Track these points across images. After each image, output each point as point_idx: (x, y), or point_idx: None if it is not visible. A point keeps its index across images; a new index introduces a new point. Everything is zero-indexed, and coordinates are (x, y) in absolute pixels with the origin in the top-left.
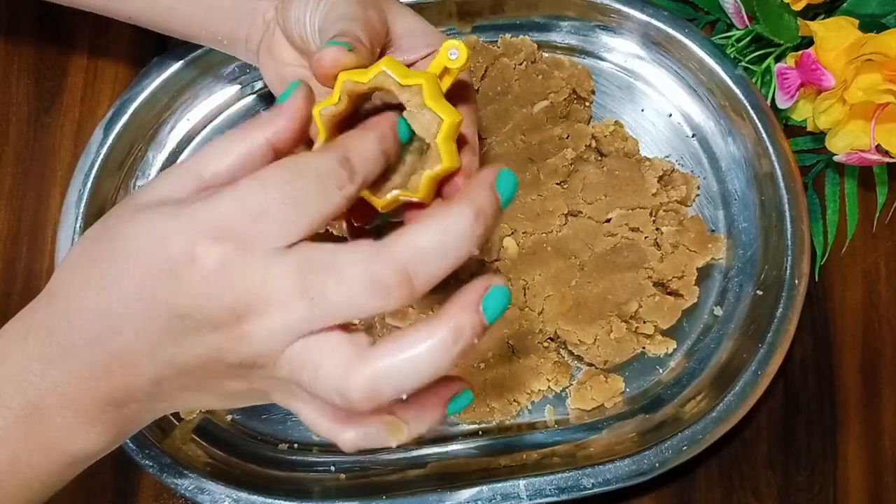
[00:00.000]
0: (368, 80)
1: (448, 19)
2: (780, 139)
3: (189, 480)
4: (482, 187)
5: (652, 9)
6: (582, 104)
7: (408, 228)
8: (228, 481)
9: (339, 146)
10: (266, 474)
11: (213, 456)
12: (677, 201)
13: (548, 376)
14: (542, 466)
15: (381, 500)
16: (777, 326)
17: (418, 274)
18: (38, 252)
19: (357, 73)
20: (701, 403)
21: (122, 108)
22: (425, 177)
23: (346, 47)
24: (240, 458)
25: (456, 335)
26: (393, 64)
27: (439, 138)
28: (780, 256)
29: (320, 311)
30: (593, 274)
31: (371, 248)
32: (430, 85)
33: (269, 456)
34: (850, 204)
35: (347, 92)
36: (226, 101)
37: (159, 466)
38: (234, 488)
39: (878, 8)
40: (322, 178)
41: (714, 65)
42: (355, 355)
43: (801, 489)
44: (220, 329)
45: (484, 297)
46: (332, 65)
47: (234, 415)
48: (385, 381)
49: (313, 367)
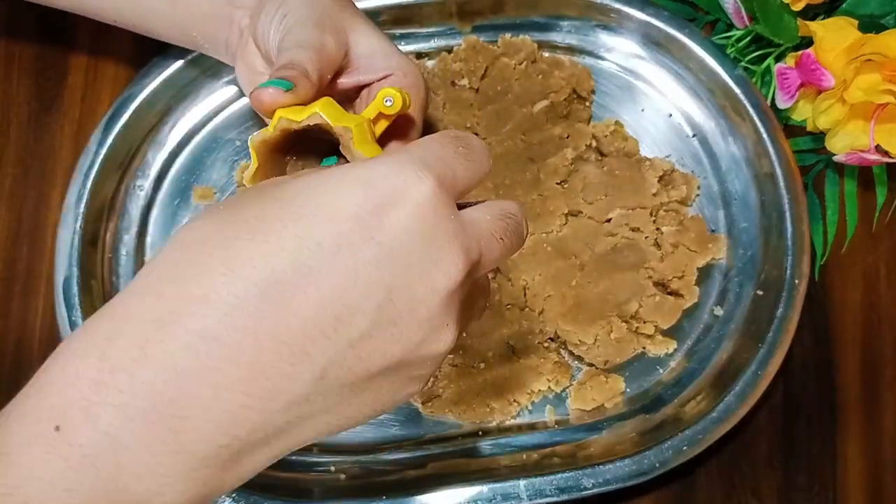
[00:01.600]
0: (302, 119)
1: (448, 19)
2: (781, 139)
3: None
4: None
5: (652, 9)
6: (582, 104)
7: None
8: None
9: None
10: (266, 474)
11: None
12: (677, 201)
13: (548, 376)
14: (543, 466)
15: (381, 500)
16: (777, 326)
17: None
18: (38, 252)
19: (293, 111)
20: (701, 403)
21: (121, 107)
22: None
23: (283, 88)
24: None
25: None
26: (328, 106)
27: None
28: (781, 256)
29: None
30: (593, 274)
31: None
32: (360, 130)
33: None
34: (850, 204)
35: (282, 129)
36: (226, 100)
37: None
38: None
39: (877, 8)
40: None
41: (714, 65)
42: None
43: (801, 489)
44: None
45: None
46: (269, 104)
47: None
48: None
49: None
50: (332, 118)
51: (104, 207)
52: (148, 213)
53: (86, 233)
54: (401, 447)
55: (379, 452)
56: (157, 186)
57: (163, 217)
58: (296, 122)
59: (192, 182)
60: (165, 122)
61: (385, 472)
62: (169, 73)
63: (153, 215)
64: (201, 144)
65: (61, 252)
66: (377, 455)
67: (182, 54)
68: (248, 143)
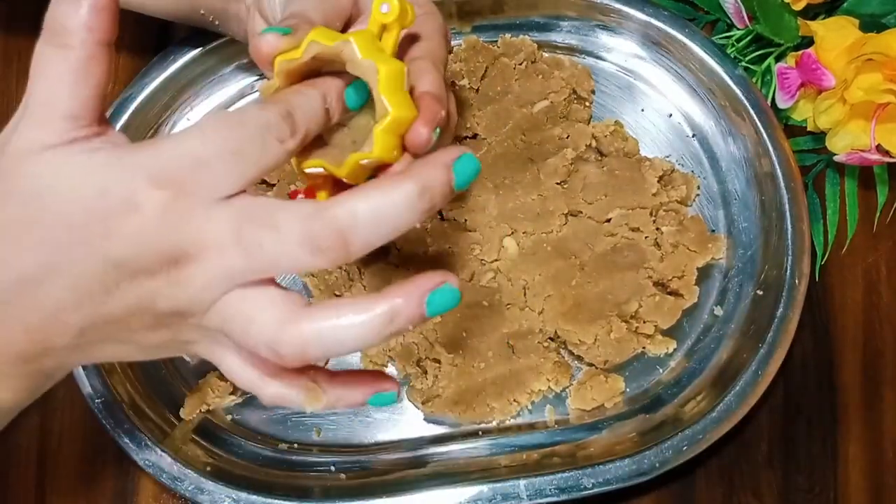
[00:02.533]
0: (301, 53)
1: (448, 19)
2: (781, 139)
3: (189, 481)
4: (436, 165)
5: (652, 8)
6: (582, 104)
7: (351, 192)
8: (228, 481)
9: (282, 100)
10: (266, 474)
11: (213, 456)
12: (677, 201)
13: (548, 376)
14: (543, 466)
15: (381, 499)
16: (777, 327)
17: (353, 239)
18: None
19: (291, 53)
20: (701, 403)
21: (123, 105)
22: (375, 131)
23: (280, 32)
24: (240, 458)
25: (391, 317)
26: (321, 33)
27: (379, 88)
28: (781, 256)
29: (256, 262)
30: (593, 274)
31: (311, 207)
32: (363, 41)
33: (269, 456)
34: (851, 204)
35: (285, 72)
36: (227, 100)
37: (159, 467)
38: (233, 488)
39: (878, 8)
40: (263, 131)
41: (714, 65)
42: (291, 311)
43: (801, 489)
44: (157, 275)
45: (433, 290)
46: (267, 52)
47: (234, 415)
48: (316, 341)
49: (247, 318)
50: (326, 39)
51: None
52: None
53: None
54: (400, 447)
55: (379, 452)
56: None
57: None
58: (296, 59)
59: None
60: (166, 121)
61: (385, 471)
62: (171, 71)
63: None
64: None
65: None
66: (377, 455)
67: (185, 53)
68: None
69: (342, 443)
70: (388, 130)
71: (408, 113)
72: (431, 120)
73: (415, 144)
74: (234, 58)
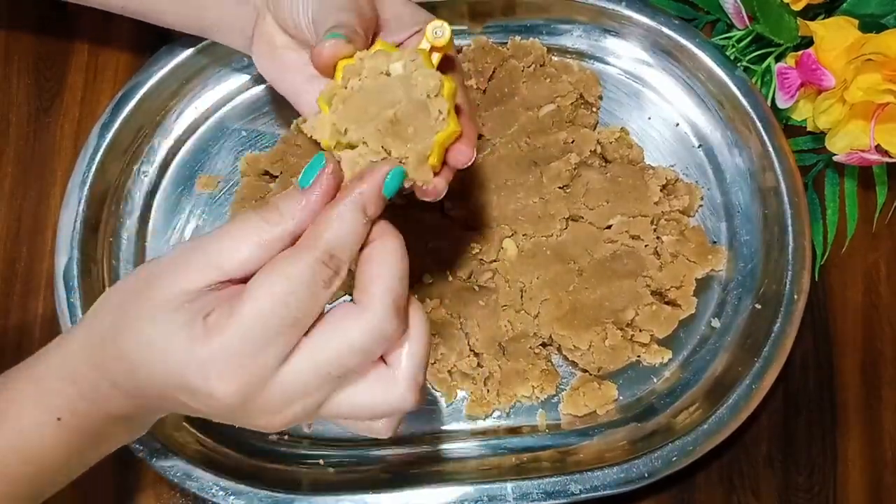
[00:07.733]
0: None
1: (460, 19)
2: (787, 153)
3: (178, 466)
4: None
5: (662, 16)
6: (589, 109)
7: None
8: (217, 469)
9: (319, 242)
10: (255, 465)
11: (204, 443)
12: (679, 211)
13: (534, 383)
14: (531, 470)
15: (369, 495)
16: (774, 341)
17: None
18: (37, 252)
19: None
20: (694, 415)
21: (129, 93)
22: (435, 141)
23: (343, 39)
24: (230, 447)
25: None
26: (386, 46)
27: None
28: (781, 271)
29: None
30: (591, 280)
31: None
32: (425, 56)
33: (259, 446)
34: (850, 204)
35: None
36: (234, 90)
37: (149, 451)
38: (222, 476)
39: (877, 8)
40: (311, 286)
41: (723, 76)
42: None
43: (801, 489)
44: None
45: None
46: (330, 56)
47: None
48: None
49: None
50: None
51: (108, 190)
52: (151, 199)
53: (88, 216)
54: (389, 443)
55: (367, 448)
56: (162, 173)
57: (166, 204)
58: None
59: (196, 170)
60: (173, 110)
61: (373, 468)
62: (178, 60)
63: (156, 201)
64: (207, 134)
65: (61, 250)
66: (366, 450)
67: (192, 42)
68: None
69: (332, 437)
70: (445, 143)
71: (458, 128)
72: (474, 140)
73: (460, 162)
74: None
